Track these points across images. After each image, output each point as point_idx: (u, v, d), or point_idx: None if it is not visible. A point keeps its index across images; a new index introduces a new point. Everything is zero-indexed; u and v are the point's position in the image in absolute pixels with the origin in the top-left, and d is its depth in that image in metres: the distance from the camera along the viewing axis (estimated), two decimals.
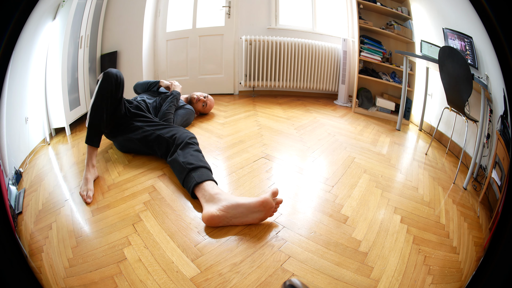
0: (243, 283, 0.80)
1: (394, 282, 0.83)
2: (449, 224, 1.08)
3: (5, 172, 0.84)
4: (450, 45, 1.20)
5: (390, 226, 1.05)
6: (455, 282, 0.86)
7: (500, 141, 0.90)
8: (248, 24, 2.00)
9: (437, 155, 1.41)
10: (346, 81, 2.01)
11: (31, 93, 1.18)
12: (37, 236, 0.95)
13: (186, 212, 1.08)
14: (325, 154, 1.51)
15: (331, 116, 1.91)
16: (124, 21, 1.70)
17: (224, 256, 0.89)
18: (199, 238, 0.96)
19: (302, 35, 2.01)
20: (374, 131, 1.71)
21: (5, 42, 0.71)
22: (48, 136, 1.31)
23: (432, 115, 1.48)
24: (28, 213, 0.97)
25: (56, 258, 0.88)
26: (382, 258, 0.91)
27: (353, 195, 1.20)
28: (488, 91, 1.00)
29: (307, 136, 1.68)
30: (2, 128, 0.85)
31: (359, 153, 1.51)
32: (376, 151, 1.54)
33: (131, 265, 0.85)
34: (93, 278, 0.82)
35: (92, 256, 0.88)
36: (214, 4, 1.99)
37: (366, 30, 1.80)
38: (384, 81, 1.79)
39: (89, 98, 1.60)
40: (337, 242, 0.96)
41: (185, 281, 0.81)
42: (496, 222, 0.75)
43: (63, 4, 1.32)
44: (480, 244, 0.98)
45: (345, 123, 1.83)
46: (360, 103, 1.90)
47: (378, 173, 1.36)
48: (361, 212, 1.11)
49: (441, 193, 1.24)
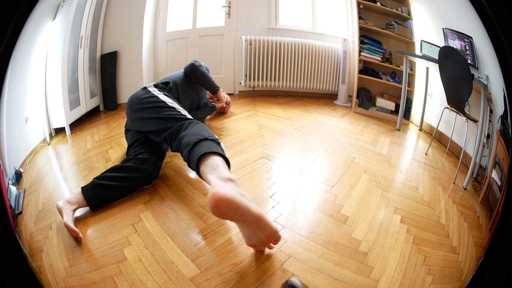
0: (243, 283, 0.80)
1: (394, 282, 0.83)
2: (449, 224, 1.08)
3: (5, 172, 0.84)
4: (450, 45, 1.20)
5: (390, 226, 1.05)
6: (455, 282, 0.85)
7: (500, 141, 0.90)
8: (248, 24, 2.00)
9: (437, 155, 1.41)
10: (346, 81, 2.01)
11: (31, 93, 1.18)
12: (37, 236, 0.95)
13: (186, 212, 1.08)
14: (325, 154, 1.51)
15: (331, 116, 1.91)
16: (124, 21, 1.70)
17: (224, 256, 0.89)
18: (199, 238, 0.96)
19: (302, 35, 2.01)
20: (374, 131, 1.70)
21: (5, 42, 0.71)
22: (48, 136, 1.32)
23: (432, 115, 1.48)
24: (28, 213, 0.97)
25: (56, 258, 0.88)
26: (382, 258, 0.91)
27: (353, 195, 1.20)
28: (488, 91, 1.00)
29: (307, 136, 1.68)
30: (2, 128, 0.85)
31: (359, 153, 1.51)
32: (376, 151, 1.54)
33: (131, 265, 0.85)
34: (93, 278, 0.82)
35: (92, 256, 0.88)
36: (214, 4, 1.99)
37: (366, 30, 1.80)
38: (384, 81, 1.78)
39: (89, 98, 1.60)
40: (337, 242, 0.96)
41: (185, 281, 0.81)
42: (496, 222, 0.75)
43: (63, 4, 1.32)
44: (480, 244, 0.98)
45: (345, 123, 1.83)
46: (360, 103, 1.90)
47: (378, 173, 1.36)
48: (361, 212, 1.11)
49: (441, 193, 1.24)
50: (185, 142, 1.04)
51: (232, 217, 0.82)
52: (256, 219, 0.82)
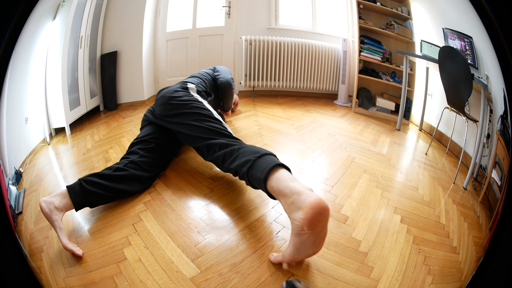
0: (243, 283, 0.80)
1: (394, 282, 0.83)
2: (449, 224, 1.08)
3: (5, 172, 0.84)
4: (450, 45, 1.20)
5: (390, 226, 1.05)
6: (455, 282, 0.85)
7: (500, 141, 0.90)
8: (248, 24, 2.00)
9: (437, 155, 1.41)
10: (346, 81, 2.01)
11: (31, 93, 1.18)
12: (37, 236, 0.95)
13: (186, 212, 1.08)
14: (325, 154, 1.51)
15: (331, 116, 1.91)
16: (124, 21, 1.70)
17: (224, 256, 0.89)
18: (199, 238, 0.96)
19: (302, 35, 2.01)
20: (374, 131, 1.71)
21: (5, 42, 0.71)
22: (48, 136, 1.32)
23: (432, 115, 1.48)
24: (28, 213, 0.97)
25: (56, 258, 0.88)
26: (382, 258, 0.91)
27: (353, 195, 1.20)
28: (488, 91, 1.00)
29: (307, 136, 1.68)
30: (2, 128, 0.85)
31: (359, 153, 1.51)
32: (376, 151, 1.54)
33: (131, 265, 0.85)
34: (93, 278, 0.82)
35: (92, 256, 0.88)
36: (214, 4, 1.99)
37: (366, 30, 1.80)
38: (384, 81, 1.78)
39: (89, 98, 1.61)
40: (337, 242, 0.96)
41: (185, 281, 0.81)
42: (496, 222, 0.75)
43: (63, 4, 1.32)
44: (480, 244, 0.98)
45: (345, 123, 1.83)
46: (360, 103, 1.90)
47: (378, 173, 1.36)
48: (361, 212, 1.11)
49: (441, 193, 1.24)
50: (244, 159, 1.00)
51: (323, 226, 0.79)
52: (326, 232, 0.81)
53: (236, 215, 1.07)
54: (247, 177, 0.98)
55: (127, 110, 1.78)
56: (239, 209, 1.10)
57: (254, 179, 0.95)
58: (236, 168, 1.03)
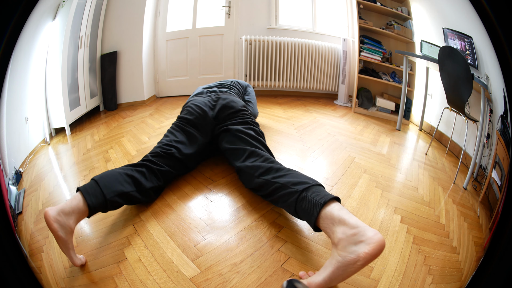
0: (243, 283, 0.80)
1: (394, 282, 0.83)
2: (449, 224, 1.08)
3: (5, 172, 0.84)
4: (450, 45, 1.20)
5: (390, 226, 1.05)
6: (455, 282, 0.85)
7: (500, 141, 0.90)
8: (248, 24, 2.00)
9: (437, 155, 1.41)
10: (346, 81, 2.01)
11: (31, 93, 1.18)
12: (37, 236, 0.95)
13: (186, 212, 1.08)
14: (325, 154, 1.51)
15: (331, 116, 1.91)
16: (124, 21, 1.70)
17: (224, 256, 0.89)
18: (199, 238, 0.96)
19: (302, 35, 2.01)
20: (374, 131, 1.71)
21: (5, 42, 0.71)
22: (48, 136, 1.32)
23: (432, 115, 1.48)
24: (28, 213, 0.97)
25: (56, 258, 0.88)
26: (382, 258, 0.90)
27: (353, 195, 1.20)
28: (488, 91, 1.00)
29: (307, 136, 1.68)
30: (2, 128, 0.85)
31: (359, 153, 1.51)
32: (376, 151, 1.54)
33: (131, 265, 0.85)
34: (93, 278, 0.82)
35: (92, 256, 0.88)
36: (214, 4, 1.99)
37: (366, 30, 1.80)
38: (384, 81, 1.79)
39: (89, 98, 1.61)
40: None
41: (185, 281, 0.81)
42: (496, 222, 0.75)
43: (63, 4, 1.32)
44: (480, 244, 0.98)
45: (345, 123, 1.83)
46: (360, 103, 1.90)
47: (378, 173, 1.36)
48: (361, 212, 1.11)
49: (441, 193, 1.24)
50: (300, 180, 0.97)
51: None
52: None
53: (236, 215, 1.07)
54: (298, 195, 0.93)
55: (127, 110, 1.78)
56: (239, 209, 1.10)
57: (306, 200, 0.90)
58: (284, 183, 0.99)
